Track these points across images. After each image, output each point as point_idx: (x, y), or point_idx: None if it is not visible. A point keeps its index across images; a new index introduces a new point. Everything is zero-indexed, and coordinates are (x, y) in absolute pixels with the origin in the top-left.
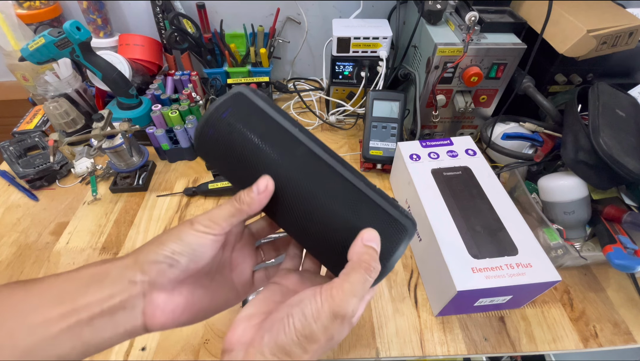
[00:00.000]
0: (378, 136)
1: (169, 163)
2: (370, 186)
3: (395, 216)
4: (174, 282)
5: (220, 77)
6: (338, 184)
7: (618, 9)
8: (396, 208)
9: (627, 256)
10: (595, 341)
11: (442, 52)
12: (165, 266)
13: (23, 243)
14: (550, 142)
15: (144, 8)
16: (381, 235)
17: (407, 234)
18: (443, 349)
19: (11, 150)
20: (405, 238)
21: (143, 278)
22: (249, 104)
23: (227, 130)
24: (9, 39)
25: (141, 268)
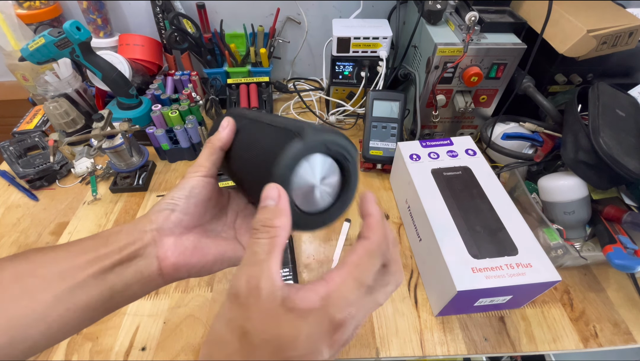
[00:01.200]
0: (378, 136)
1: (169, 163)
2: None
3: (291, 128)
4: (180, 226)
5: (220, 77)
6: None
7: (618, 9)
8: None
9: (627, 256)
10: (595, 341)
11: (442, 52)
12: (168, 212)
13: (23, 243)
14: (550, 142)
15: (144, 8)
16: (270, 150)
17: (296, 139)
18: (443, 349)
19: (11, 150)
20: (294, 141)
21: (152, 227)
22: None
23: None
24: (9, 39)
25: (149, 218)
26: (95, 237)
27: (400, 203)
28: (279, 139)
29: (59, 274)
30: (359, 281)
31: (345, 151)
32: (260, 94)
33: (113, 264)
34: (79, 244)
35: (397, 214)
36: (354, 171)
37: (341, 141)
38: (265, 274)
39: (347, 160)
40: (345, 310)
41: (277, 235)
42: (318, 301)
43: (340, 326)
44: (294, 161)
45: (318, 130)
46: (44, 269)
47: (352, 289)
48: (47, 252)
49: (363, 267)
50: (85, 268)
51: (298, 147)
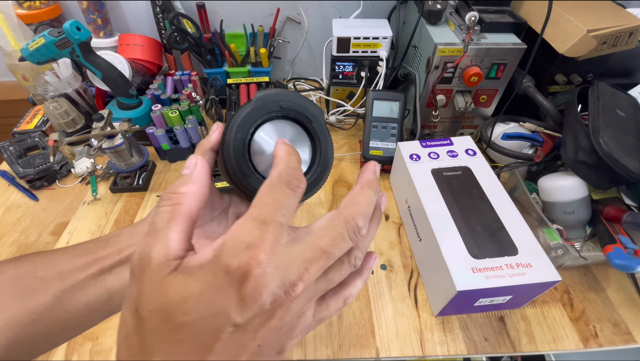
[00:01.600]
0: (378, 136)
1: (169, 163)
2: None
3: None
4: None
5: (220, 77)
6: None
7: (618, 9)
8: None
9: (627, 256)
10: (595, 341)
11: (442, 52)
12: None
13: (23, 243)
14: (550, 142)
15: (144, 8)
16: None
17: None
18: (443, 349)
19: (11, 150)
20: (245, 105)
21: None
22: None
23: None
24: (9, 39)
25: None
26: (96, 240)
27: (400, 203)
28: (238, 111)
29: (58, 275)
30: (258, 220)
31: (305, 110)
32: None
33: (112, 265)
34: (80, 247)
35: (397, 214)
36: (321, 132)
37: (297, 100)
38: (161, 243)
39: (310, 121)
40: (243, 253)
41: (181, 202)
42: (211, 254)
43: (244, 276)
44: (245, 124)
45: (272, 91)
46: (44, 270)
47: (250, 230)
48: (47, 254)
49: (262, 203)
50: (85, 269)
51: (247, 110)
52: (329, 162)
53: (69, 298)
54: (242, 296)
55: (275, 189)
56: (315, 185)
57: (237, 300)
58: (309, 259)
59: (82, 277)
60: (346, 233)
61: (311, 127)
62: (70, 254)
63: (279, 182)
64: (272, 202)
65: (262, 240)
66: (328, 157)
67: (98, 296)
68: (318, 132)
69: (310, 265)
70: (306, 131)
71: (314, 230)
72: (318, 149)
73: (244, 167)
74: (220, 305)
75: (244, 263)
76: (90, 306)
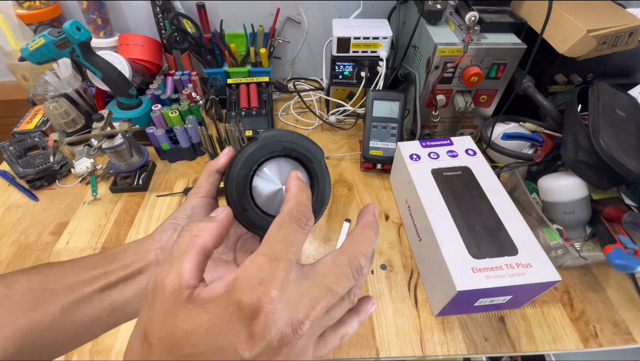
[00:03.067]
0: (378, 136)
1: (169, 163)
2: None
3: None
4: None
5: (220, 77)
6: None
7: (618, 9)
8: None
9: (627, 256)
10: (595, 341)
11: (442, 52)
12: (171, 232)
13: (23, 243)
14: (550, 142)
15: (144, 8)
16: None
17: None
18: (443, 349)
19: (11, 150)
20: (249, 144)
21: (156, 246)
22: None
23: None
24: (9, 39)
25: (153, 238)
26: (104, 253)
27: (400, 203)
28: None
29: (68, 287)
30: (270, 256)
31: (307, 151)
32: (260, 94)
33: (117, 280)
34: (89, 260)
35: (397, 214)
36: (320, 172)
37: (299, 141)
38: (175, 271)
39: (310, 161)
40: (255, 289)
41: (199, 235)
42: (223, 288)
43: (255, 313)
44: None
45: (276, 132)
46: (55, 283)
47: (261, 266)
48: (58, 266)
49: (273, 240)
50: (92, 283)
51: (251, 148)
52: (325, 200)
53: (76, 310)
54: (251, 333)
55: (286, 226)
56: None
57: (247, 336)
58: (315, 297)
59: (89, 290)
60: (350, 272)
61: (311, 167)
62: (80, 267)
63: (290, 219)
64: (282, 238)
65: (274, 277)
66: (325, 196)
67: (103, 309)
68: (317, 172)
69: (317, 303)
70: (306, 169)
71: (320, 268)
72: (316, 188)
73: (244, 202)
74: (228, 340)
75: (255, 299)
76: (95, 319)
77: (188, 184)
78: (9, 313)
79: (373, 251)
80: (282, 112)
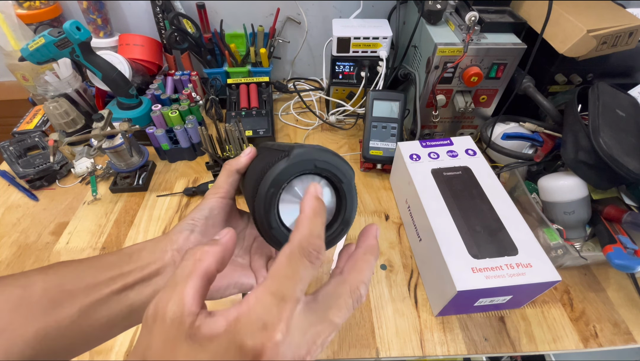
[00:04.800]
0: (378, 136)
1: (169, 163)
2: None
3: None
4: None
5: (220, 77)
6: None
7: (618, 9)
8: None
9: (627, 256)
10: (595, 341)
11: (442, 52)
12: (187, 233)
13: (23, 243)
14: (550, 142)
15: (144, 8)
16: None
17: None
18: (443, 349)
19: (11, 150)
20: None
21: (173, 247)
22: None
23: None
24: (9, 39)
25: (170, 238)
26: (120, 253)
27: (400, 203)
28: (270, 159)
29: (85, 289)
30: (278, 296)
31: (338, 170)
32: (260, 94)
33: (134, 282)
34: (104, 260)
35: (397, 214)
36: (349, 194)
37: (332, 160)
38: (176, 297)
39: (340, 181)
40: (260, 333)
41: (202, 259)
42: (223, 326)
43: (258, 355)
44: (279, 179)
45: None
46: (71, 284)
47: (268, 307)
48: (74, 266)
49: (281, 276)
50: (109, 284)
51: (282, 165)
52: (350, 221)
53: (93, 312)
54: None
55: (296, 260)
56: (333, 241)
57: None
58: (318, 332)
59: (106, 292)
60: (351, 303)
61: (341, 187)
62: (96, 267)
63: (300, 253)
64: (291, 275)
65: (280, 319)
66: (351, 217)
67: (120, 311)
68: (347, 193)
69: (319, 337)
70: (335, 188)
71: (322, 299)
72: (343, 208)
73: (271, 220)
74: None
75: (259, 344)
76: (111, 321)
77: (188, 184)
78: (26, 315)
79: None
80: (282, 112)
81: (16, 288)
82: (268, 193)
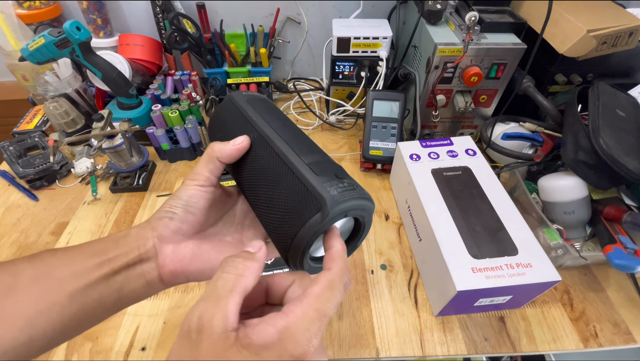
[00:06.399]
0: (378, 136)
1: (169, 163)
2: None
3: (311, 190)
4: (179, 234)
5: (220, 77)
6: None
7: (618, 9)
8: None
9: (627, 256)
10: (595, 341)
11: (442, 52)
12: (167, 220)
13: (23, 243)
14: (550, 142)
15: (144, 8)
16: (292, 211)
17: (317, 214)
18: (443, 349)
19: (11, 150)
20: (316, 214)
21: (153, 234)
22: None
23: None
24: (9, 39)
25: (151, 226)
26: (106, 240)
27: (400, 203)
28: (299, 199)
29: (72, 275)
30: (320, 312)
31: (365, 212)
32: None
33: (121, 267)
34: (91, 247)
35: (397, 214)
36: (369, 225)
37: (363, 205)
38: (221, 312)
39: (363, 216)
40: (307, 342)
41: (244, 274)
42: (275, 335)
43: (302, 358)
44: (315, 235)
45: (340, 198)
46: (59, 271)
47: (312, 321)
48: (61, 254)
49: (325, 298)
50: (97, 269)
51: (318, 223)
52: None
53: (83, 297)
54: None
55: (336, 287)
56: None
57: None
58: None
59: (94, 277)
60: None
61: (362, 220)
62: (83, 254)
63: (340, 281)
64: (332, 298)
65: (319, 330)
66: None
67: (109, 295)
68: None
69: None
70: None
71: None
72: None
73: (304, 263)
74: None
75: (306, 350)
76: (102, 304)
77: None
78: (17, 302)
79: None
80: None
81: (4, 275)
82: (302, 245)
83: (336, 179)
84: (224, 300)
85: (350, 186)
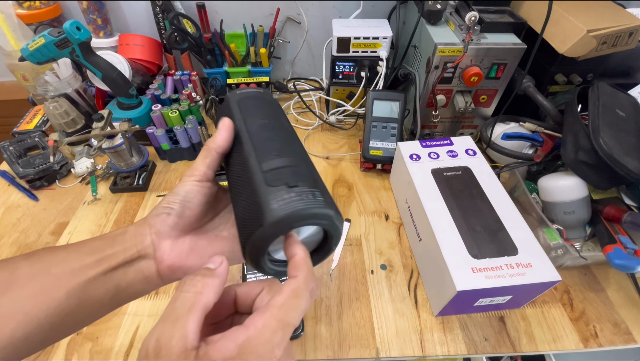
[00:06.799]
0: (378, 136)
1: (169, 163)
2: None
3: (258, 201)
4: (176, 230)
5: (220, 77)
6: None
7: (618, 9)
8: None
9: (627, 256)
10: (595, 341)
11: (442, 52)
12: (164, 216)
13: (23, 243)
14: (550, 142)
15: (144, 8)
16: (243, 223)
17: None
18: (443, 349)
19: (11, 150)
20: (258, 229)
21: (151, 230)
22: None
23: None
24: (9, 39)
25: (148, 222)
26: (104, 237)
27: (400, 203)
28: (248, 211)
29: (70, 272)
30: (283, 322)
31: (322, 220)
32: None
33: (118, 264)
34: (89, 244)
35: (397, 214)
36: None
37: (315, 214)
38: (179, 333)
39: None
40: (269, 355)
41: (202, 292)
42: (235, 350)
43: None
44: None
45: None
46: (57, 268)
47: (275, 331)
48: (59, 251)
49: (288, 307)
50: (95, 266)
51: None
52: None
53: (81, 293)
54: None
55: (301, 295)
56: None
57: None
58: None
59: (92, 274)
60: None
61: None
62: (81, 251)
63: (305, 288)
64: (296, 307)
65: (282, 341)
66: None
67: (107, 292)
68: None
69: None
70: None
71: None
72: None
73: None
74: None
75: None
76: (100, 301)
77: None
78: (15, 298)
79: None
80: None
81: (2, 272)
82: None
83: (285, 189)
84: (183, 320)
85: (297, 196)
